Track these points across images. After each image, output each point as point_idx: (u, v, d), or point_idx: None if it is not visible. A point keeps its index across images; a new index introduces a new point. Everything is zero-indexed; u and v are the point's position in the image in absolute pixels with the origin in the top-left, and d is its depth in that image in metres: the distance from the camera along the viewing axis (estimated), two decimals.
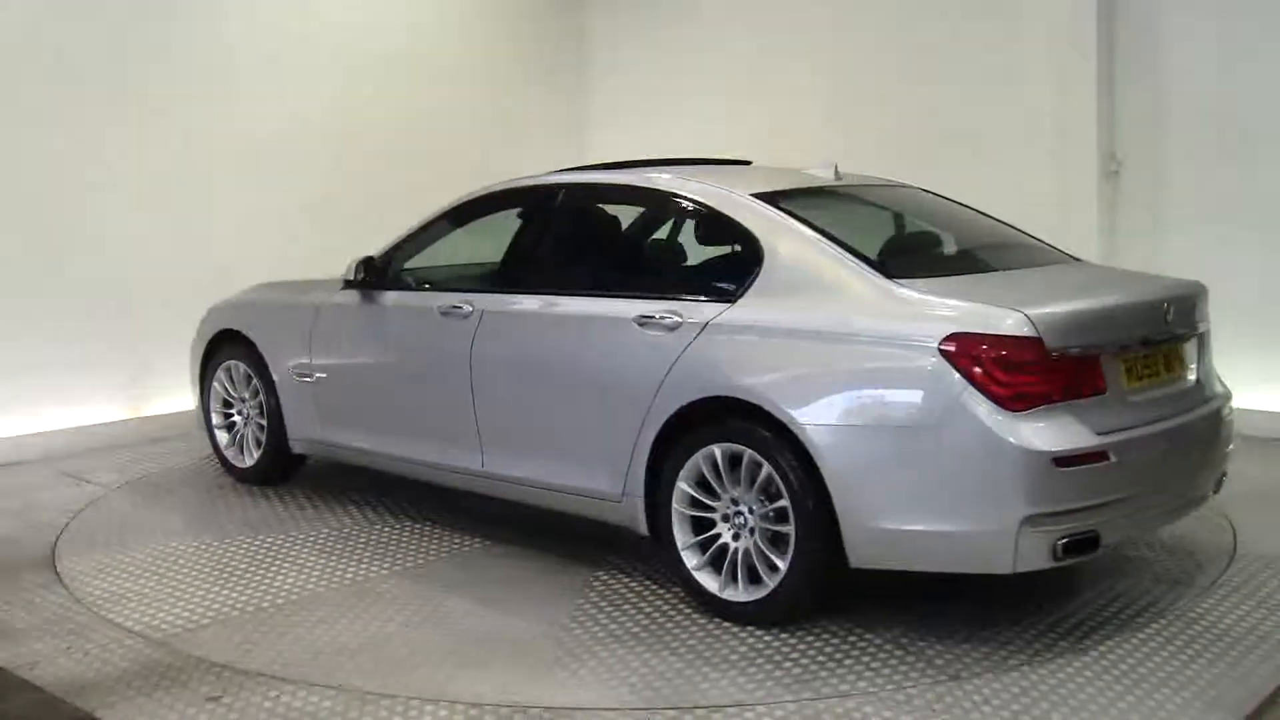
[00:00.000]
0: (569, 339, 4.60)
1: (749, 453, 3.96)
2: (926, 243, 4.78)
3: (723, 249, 4.61)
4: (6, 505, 5.74)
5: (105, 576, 4.69)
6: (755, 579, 3.98)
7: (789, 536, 3.87)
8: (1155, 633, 3.90)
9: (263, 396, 5.86)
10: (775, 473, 3.88)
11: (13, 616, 4.26)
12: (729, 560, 4.04)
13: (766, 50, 8.55)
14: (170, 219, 7.31)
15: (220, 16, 7.52)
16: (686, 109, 8.84)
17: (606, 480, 4.40)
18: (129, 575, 4.70)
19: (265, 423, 5.87)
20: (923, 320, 3.74)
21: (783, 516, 3.90)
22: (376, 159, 8.21)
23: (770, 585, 3.93)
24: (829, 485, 3.76)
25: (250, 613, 4.27)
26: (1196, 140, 6.90)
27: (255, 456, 5.98)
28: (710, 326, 4.13)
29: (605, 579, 4.52)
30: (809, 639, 3.89)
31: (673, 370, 4.17)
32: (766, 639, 3.90)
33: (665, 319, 4.25)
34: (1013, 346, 3.61)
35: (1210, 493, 4.33)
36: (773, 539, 3.94)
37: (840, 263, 4.05)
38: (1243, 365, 5.96)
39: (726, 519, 4.07)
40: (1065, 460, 3.58)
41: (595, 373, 4.47)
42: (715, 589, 4.07)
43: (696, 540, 4.14)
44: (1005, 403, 3.58)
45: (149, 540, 5.16)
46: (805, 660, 3.74)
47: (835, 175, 4.85)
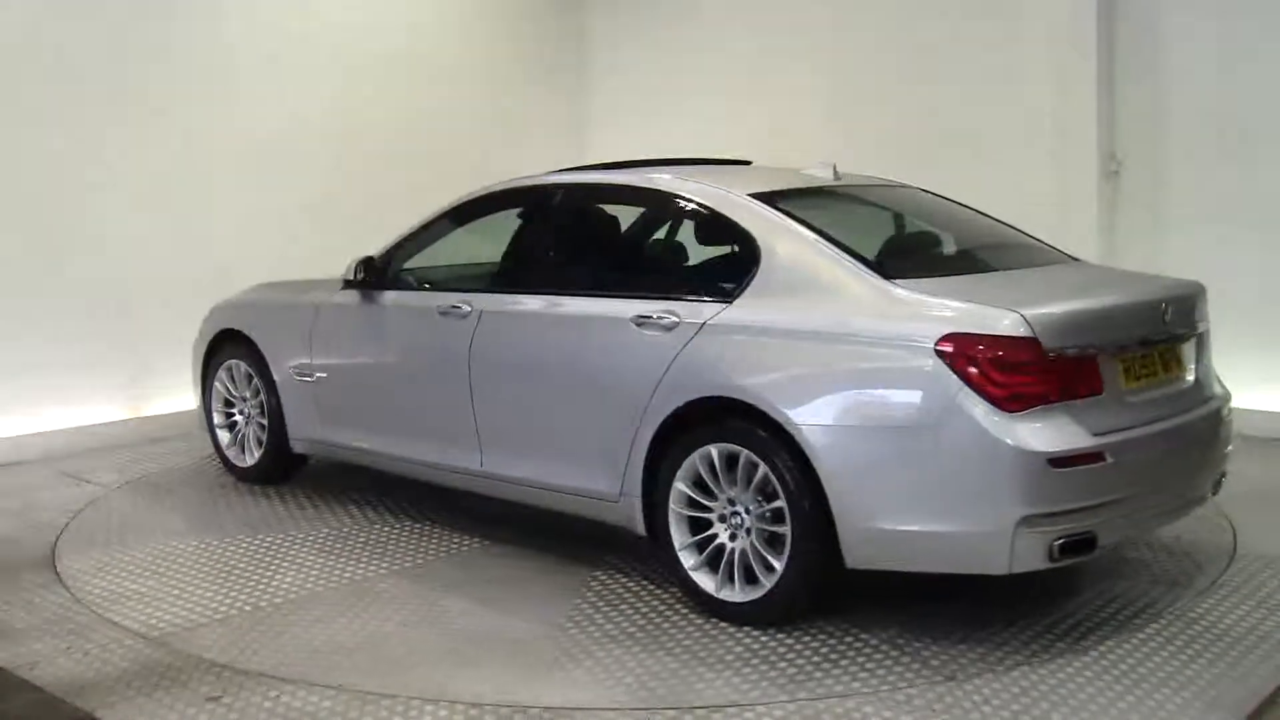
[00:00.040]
0: (567, 339, 4.60)
1: (745, 453, 3.96)
2: (924, 243, 4.77)
3: (721, 249, 4.60)
4: (6, 505, 5.74)
5: (105, 576, 4.70)
6: (752, 579, 3.98)
7: (785, 537, 3.87)
8: (1155, 633, 3.90)
9: (263, 396, 5.87)
10: (772, 473, 3.88)
11: (12, 616, 4.27)
12: (726, 560, 4.04)
13: (766, 50, 8.54)
14: (170, 219, 7.31)
15: (220, 16, 7.52)
16: (686, 109, 8.83)
17: (604, 480, 4.40)
18: (129, 575, 4.70)
19: (266, 422, 5.88)
20: (919, 320, 3.74)
21: (779, 517, 3.89)
22: (376, 159, 8.21)
23: (767, 585, 3.92)
24: (825, 485, 3.76)
25: (248, 612, 4.27)
26: (1196, 140, 6.89)
27: (256, 456, 6.00)
28: (707, 327, 4.13)
29: (603, 579, 4.52)
30: (805, 639, 3.89)
31: (670, 370, 4.17)
32: (763, 639, 3.89)
33: (662, 319, 4.25)
34: (1009, 347, 3.60)
35: (1209, 493, 4.32)
36: (769, 539, 3.94)
37: (837, 263, 4.04)
38: (1243, 365, 5.96)
39: (723, 519, 4.07)
40: (1061, 461, 3.57)
41: (593, 373, 4.47)
42: (712, 589, 4.07)
43: (693, 540, 4.14)
44: (1001, 403, 3.57)
45: (149, 540, 5.16)
46: (801, 661, 3.74)
47: (834, 175, 4.84)
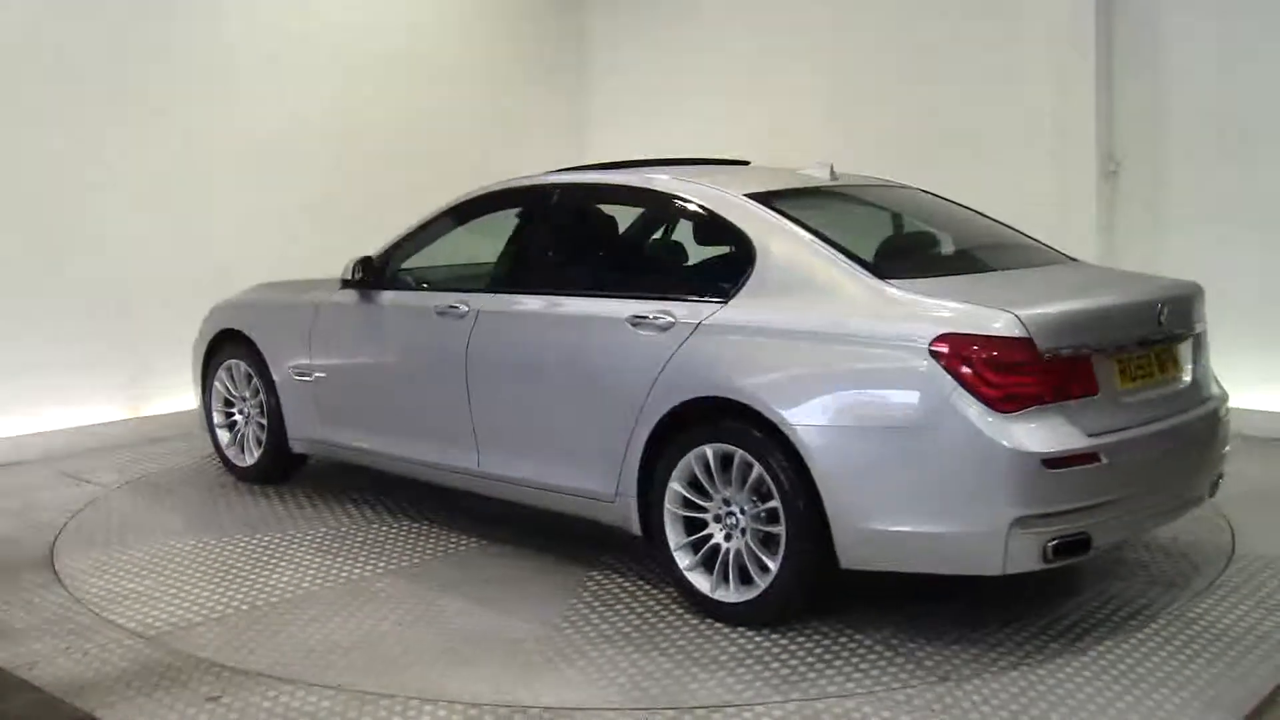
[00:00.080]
0: (563, 339, 4.60)
1: (740, 453, 3.96)
2: (921, 243, 4.76)
3: (717, 249, 4.60)
4: (6, 505, 5.74)
5: (103, 575, 4.70)
6: (747, 579, 3.98)
7: (780, 537, 3.87)
8: (1153, 633, 3.89)
9: (263, 396, 5.88)
10: (766, 473, 3.88)
11: (12, 616, 4.27)
12: (720, 561, 4.04)
13: (766, 50, 8.54)
14: (170, 219, 7.31)
15: (220, 16, 7.53)
16: (686, 109, 8.83)
17: (600, 480, 4.40)
18: (127, 574, 4.71)
19: (265, 422, 5.89)
20: (914, 321, 3.73)
21: (774, 517, 3.89)
22: (376, 159, 8.21)
23: (761, 586, 3.92)
24: (819, 486, 3.75)
25: (245, 611, 4.28)
26: (1196, 140, 6.88)
27: (256, 456, 6.01)
28: (702, 327, 4.13)
29: (599, 579, 4.52)
30: (800, 640, 3.88)
31: (665, 370, 4.16)
32: (757, 639, 3.89)
33: (658, 319, 4.25)
34: (1003, 347, 3.59)
35: (1206, 494, 4.31)
36: (764, 540, 3.93)
37: (832, 263, 4.04)
38: (1242, 365, 5.96)
39: (718, 519, 4.07)
40: (1055, 462, 3.56)
41: (589, 373, 4.47)
42: (707, 589, 4.07)
43: (689, 540, 4.13)
44: (995, 404, 3.56)
45: (148, 539, 5.17)
46: (795, 661, 3.73)
47: (831, 175, 4.84)
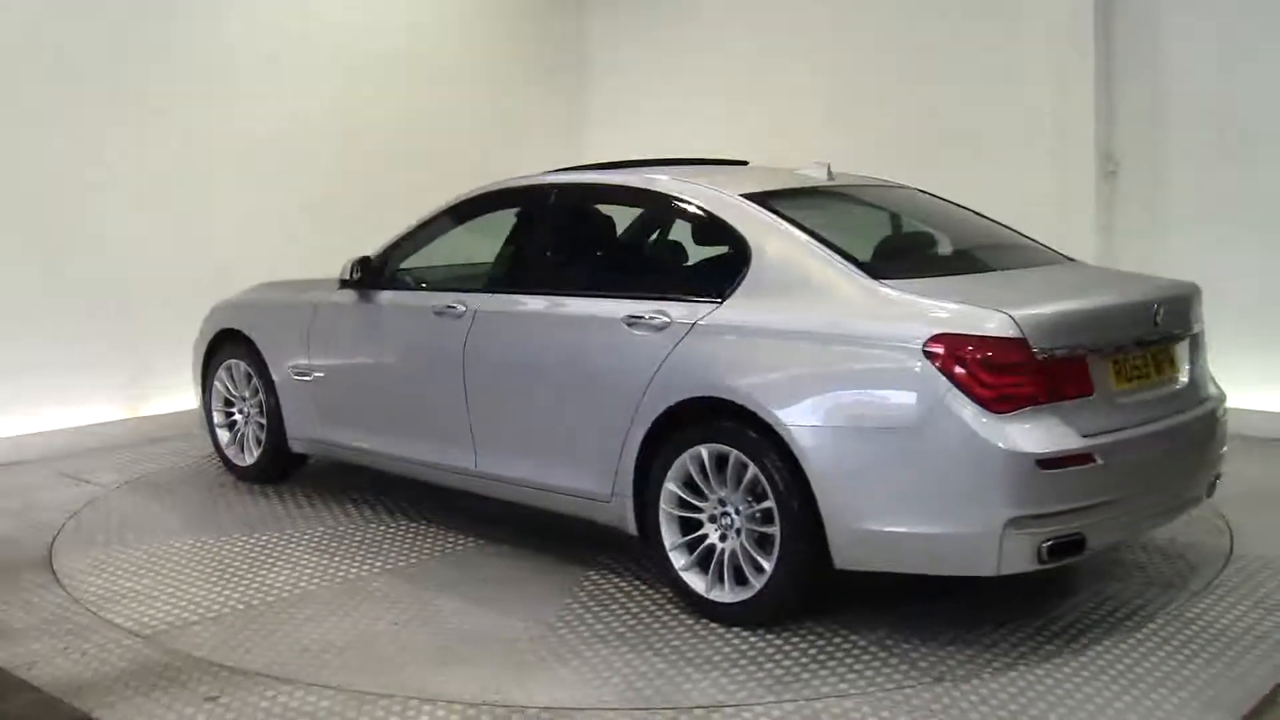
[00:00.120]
0: (559, 339, 4.60)
1: (735, 453, 3.96)
2: (918, 243, 4.75)
3: (713, 249, 4.60)
4: (6, 505, 5.75)
5: (102, 574, 4.71)
6: (742, 580, 3.97)
7: (774, 537, 3.86)
8: (1151, 633, 3.89)
9: (262, 396, 5.88)
10: (761, 474, 3.88)
11: (11, 616, 4.27)
12: (716, 561, 4.04)
13: (766, 50, 8.53)
14: (170, 219, 7.31)
15: (220, 16, 7.53)
16: (686, 109, 8.82)
17: (596, 480, 4.40)
18: (125, 573, 4.72)
19: (265, 422, 5.89)
20: (908, 321, 3.72)
21: (769, 518, 3.89)
22: (376, 159, 8.21)
23: (756, 586, 3.92)
24: (814, 486, 3.75)
25: (241, 610, 4.28)
26: (1195, 140, 6.87)
27: (255, 455, 6.01)
28: (698, 327, 4.12)
29: (595, 579, 4.52)
30: (794, 640, 3.88)
31: (660, 370, 4.16)
32: (752, 640, 3.89)
33: (654, 319, 4.25)
34: (997, 347, 3.59)
35: (1203, 495, 4.30)
36: (759, 540, 3.93)
37: (827, 263, 4.03)
38: (1242, 365, 5.95)
39: (714, 519, 4.07)
40: (1050, 462, 3.56)
41: (585, 373, 4.47)
42: (702, 589, 4.06)
43: (684, 541, 4.13)
44: (989, 404, 3.56)
45: (147, 539, 5.17)
46: (789, 662, 3.73)
47: (828, 175, 4.83)
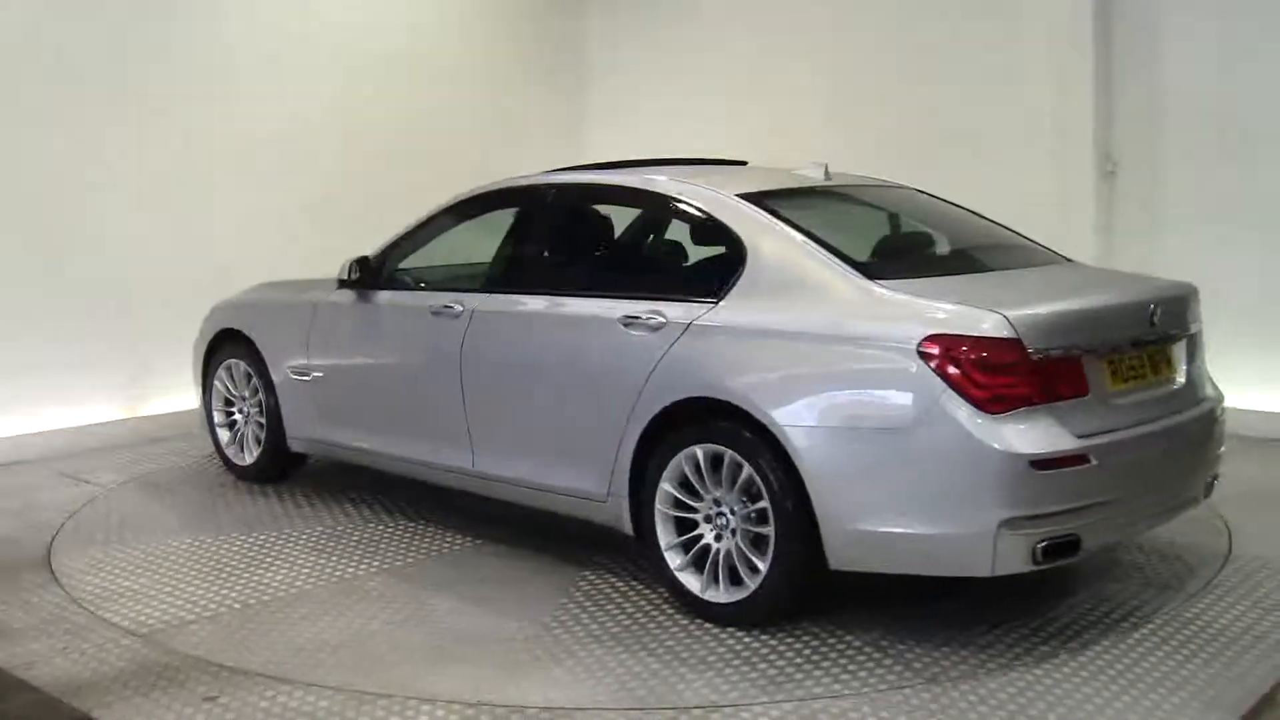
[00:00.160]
0: (556, 339, 4.60)
1: (730, 453, 3.95)
2: (914, 243, 4.75)
3: (709, 249, 4.59)
4: (6, 505, 5.75)
5: (100, 573, 4.71)
6: (737, 580, 3.97)
7: (769, 538, 3.86)
8: (1150, 634, 3.89)
9: (262, 395, 5.89)
10: (756, 474, 3.87)
11: (10, 616, 4.27)
12: (711, 561, 4.04)
13: (766, 50, 8.53)
14: (170, 219, 7.32)
15: (220, 16, 7.53)
16: (686, 109, 8.82)
17: (592, 480, 4.40)
18: (122, 572, 4.72)
19: (264, 421, 5.90)
20: (902, 321, 3.72)
21: (764, 518, 3.88)
22: (376, 159, 8.21)
23: (751, 586, 3.92)
24: (808, 487, 3.75)
25: (238, 609, 4.29)
26: (1195, 140, 6.86)
27: (255, 455, 6.02)
28: (693, 327, 4.12)
29: (592, 578, 4.52)
30: (788, 640, 3.88)
31: (656, 371, 4.16)
32: (746, 640, 3.89)
33: (650, 319, 4.25)
34: (991, 348, 3.58)
35: (1200, 496, 4.29)
36: (754, 540, 3.93)
37: (822, 263, 4.03)
38: (1241, 366, 5.95)
39: (709, 520, 4.07)
40: (1044, 463, 3.55)
41: (581, 373, 4.47)
42: (698, 590, 4.06)
43: (679, 541, 4.13)
44: (984, 405, 3.55)
45: (146, 538, 5.18)
46: (783, 662, 3.73)
47: (825, 176, 4.82)
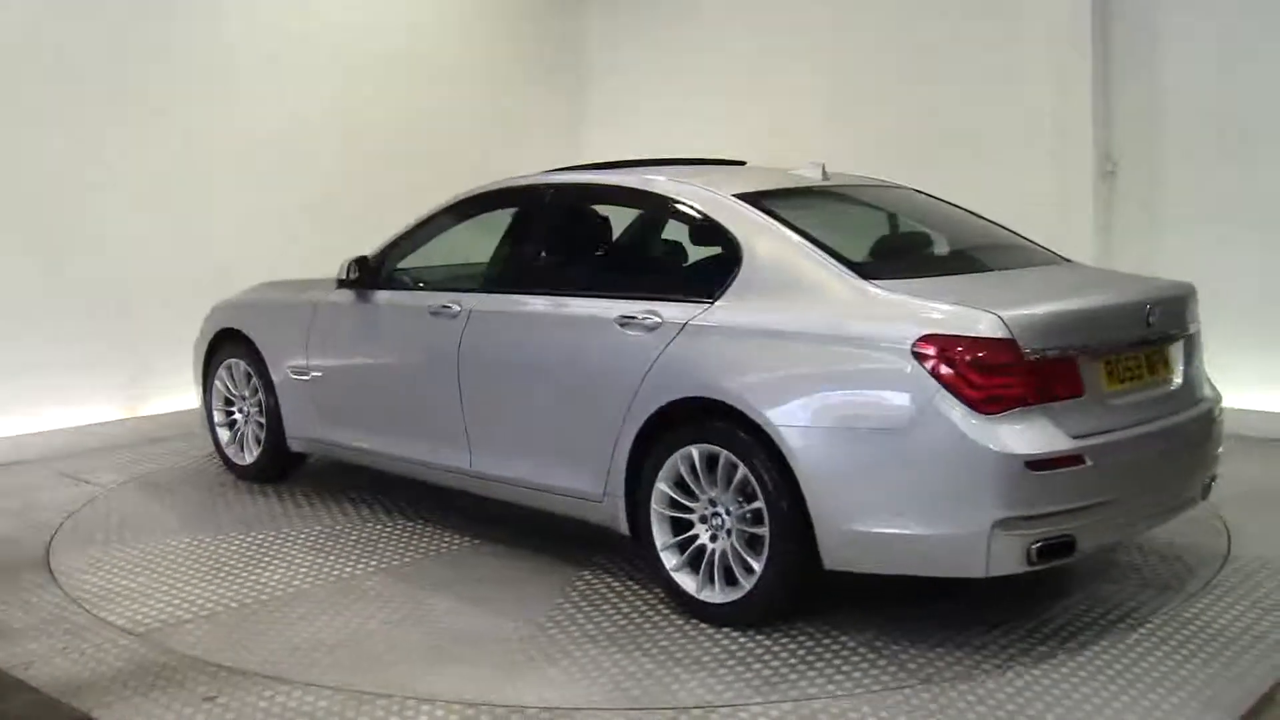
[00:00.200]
0: (553, 339, 4.60)
1: (725, 453, 3.95)
2: (910, 243, 4.75)
3: (706, 249, 4.59)
4: (6, 505, 5.76)
5: (99, 573, 4.72)
6: (732, 580, 3.97)
7: (764, 538, 3.86)
8: (1148, 634, 3.88)
9: (262, 395, 5.90)
10: (751, 474, 3.87)
11: (10, 616, 4.28)
12: (706, 561, 4.04)
13: (766, 50, 8.53)
14: (170, 219, 7.33)
15: (220, 16, 7.54)
16: (686, 109, 8.82)
17: (588, 480, 4.40)
18: (122, 572, 4.73)
19: (264, 421, 5.91)
20: (897, 322, 3.71)
21: (759, 518, 3.88)
22: (376, 159, 8.22)
23: (746, 587, 3.91)
24: (803, 487, 3.74)
25: (235, 608, 4.30)
26: (1194, 140, 6.85)
27: (255, 454, 6.03)
28: (689, 327, 4.12)
29: (589, 578, 4.52)
30: (783, 641, 3.87)
31: (651, 371, 4.16)
32: (741, 640, 3.89)
33: (646, 319, 4.25)
34: (986, 348, 3.57)
35: (1198, 496, 4.28)
36: (749, 541, 3.93)
37: (817, 263, 4.02)
38: (1241, 366, 5.94)
39: (704, 520, 4.07)
40: (1039, 464, 3.54)
41: (577, 373, 4.47)
42: (693, 590, 4.06)
43: (675, 541, 4.13)
44: (978, 405, 3.55)
45: (145, 538, 5.18)
46: (777, 663, 3.72)
47: (823, 175, 4.81)
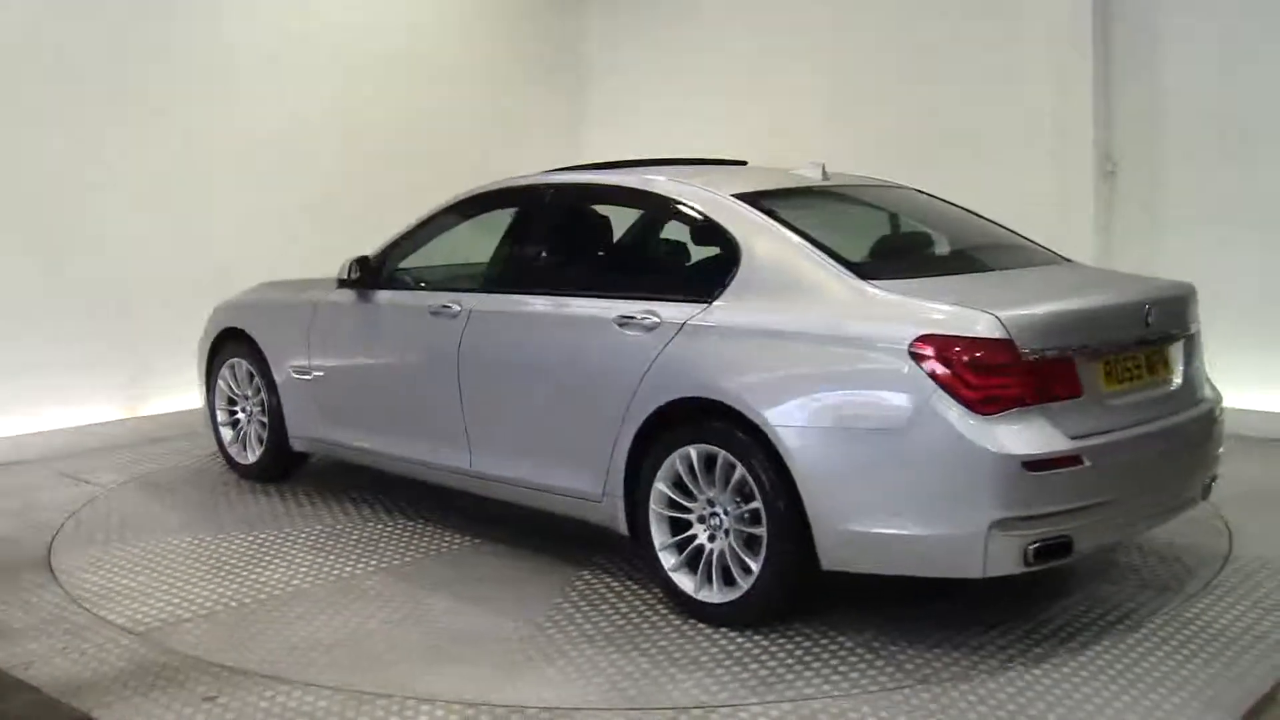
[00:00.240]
0: (552, 339, 4.60)
1: (723, 454, 3.95)
2: (909, 243, 4.75)
3: (705, 249, 4.59)
4: (6, 505, 5.76)
5: (99, 572, 4.72)
6: (730, 580, 3.97)
7: (762, 538, 3.85)
8: (1149, 634, 3.88)
9: (264, 394, 5.90)
10: (748, 474, 3.87)
11: (10, 616, 4.28)
12: (704, 561, 4.04)
13: (766, 50, 8.53)
14: (170, 219, 7.33)
15: (220, 16, 7.54)
16: (686, 109, 8.82)
17: (587, 480, 4.40)
18: (120, 571, 4.74)
19: (266, 420, 5.91)
20: (895, 322, 3.71)
21: (756, 518, 3.88)
22: (376, 159, 8.22)
23: (744, 587, 3.91)
24: (800, 487, 3.74)
25: (234, 608, 4.30)
26: (1195, 140, 6.85)
27: (257, 454, 6.04)
28: (687, 327, 4.12)
29: (588, 578, 4.52)
30: (780, 641, 3.87)
31: (650, 371, 4.16)
32: (739, 640, 3.89)
33: (644, 319, 4.25)
34: (983, 349, 3.57)
35: (1198, 497, 4.28)
36: (747, 541, 3.93)
37: (815, 263, 4.02)
38: (1241, 366, 5.93)
39: (703, 520, 4.07)
40: (1036, 464, 3.54)
41: (576, 373, 4.47)
42: (691, 590, 4.06)
43: (674, 541, 4.13)
44: (976, 405, 3.54)
45: (145, 537, 5.19)
46: (774, 663, 3.72)
47: (822, 175, 4.81)
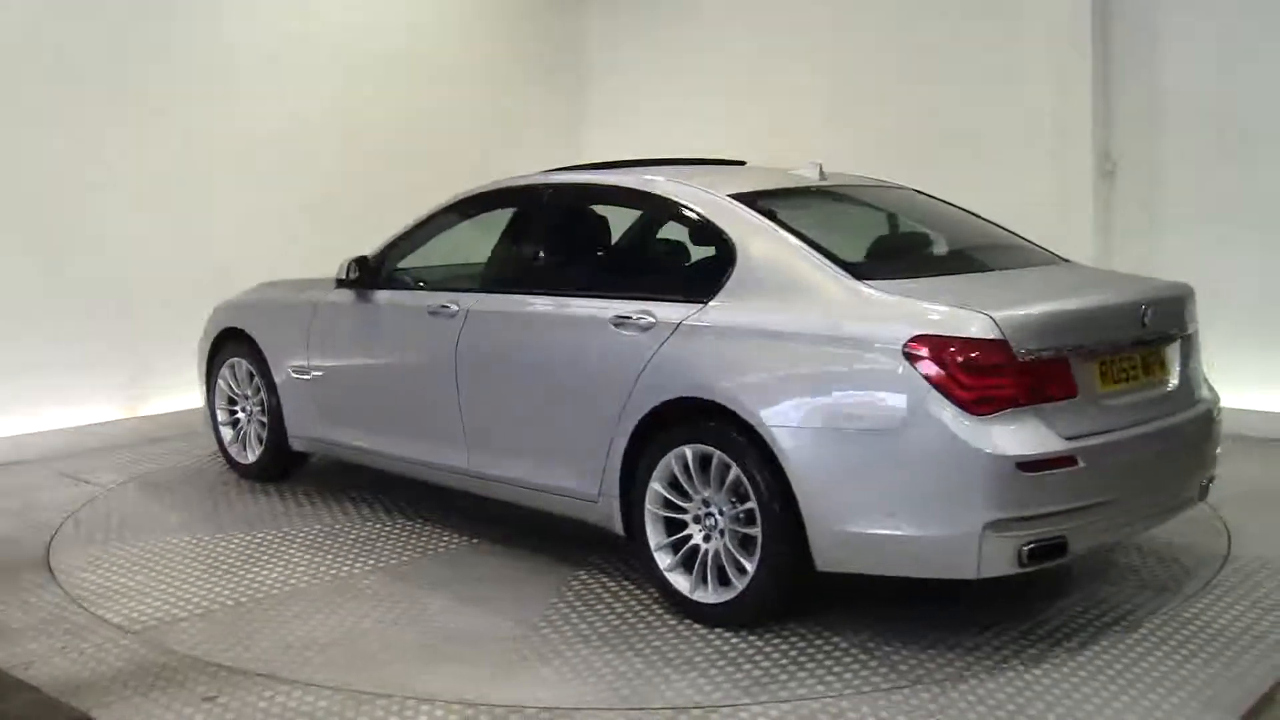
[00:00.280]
0: (549, 339, 4.60)
1: (718, 454, 3.95)
2: (906, 244, 4.75)
3: (701, 249, 4.59)
4: (6, 505, 5.77)
5: (98, 572, 4.73)
6: (725, 580, 3.97)
7: (757, 539, 3.85)
8: (1149, 634, 3.88)
9: (264, 394, 5.91)
10: (743, 474, 3.87)
11: (10, 616, 4.29)
12: (700, 561, 4.04)
13: (766, 50, 8.53)
14: (170, 219, 7.34)
15: (220, 16, 7.55)
16: (686, 109, 8.83)
17: (584, 480, 4.40)
18: (119, 570, 4.75)
19: (266, 420, 5.92)
20: (889, 322, 3.70)
21: (751, 519, 3.88)
22: (376, 159, 8.23)
23: (739, 587, 3.91)
24: (794, 488, 3.74)
25: (230, 607, 4.31)
26: (1194, 140, 6.84)
27: (257, 453, 6.04)
28: (683, 327, 4.12)
29: (584, 578, 4.53)
30: (775, 641, 3.88)
31: (645, 371, 4.16)
32: (733, 640, 3.89)
33: (640, 319, 4.25)
34: (978, 349, 3.56)
35: (1195, 498, 4.27)
36: (742, 541, 3.93)
37: (811, 264, 4.02)
38: (1240, 366, 5.93)
39: (698, 520, 4.07)
40: (1030, 465, 3.53)
41: (573, 373, 4.47)
42: (686, 590, 4.06)
43: (669, 541, 4.13)
44: (970, 406, 3.54)
45: (145, 537, 5.20)
46: (768, 663, 3.72)
47: (820, 176, 4.81)
